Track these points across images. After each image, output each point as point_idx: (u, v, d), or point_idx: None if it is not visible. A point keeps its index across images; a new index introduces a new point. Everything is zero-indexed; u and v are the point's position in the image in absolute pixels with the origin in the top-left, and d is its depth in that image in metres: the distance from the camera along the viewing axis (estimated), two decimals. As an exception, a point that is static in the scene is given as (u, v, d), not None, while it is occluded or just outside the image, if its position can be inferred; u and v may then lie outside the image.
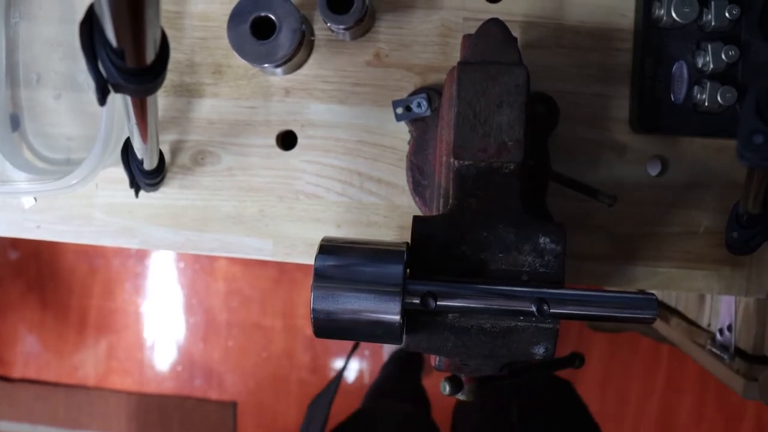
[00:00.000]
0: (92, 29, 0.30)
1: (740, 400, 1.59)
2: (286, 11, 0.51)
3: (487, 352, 0.40)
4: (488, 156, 0.41)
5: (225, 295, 1.70)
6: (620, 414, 1.63)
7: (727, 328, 0.78)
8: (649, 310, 0.39)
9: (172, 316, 1.72)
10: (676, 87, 0.53)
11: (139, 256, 1.72)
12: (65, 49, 0.59)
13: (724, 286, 0.57)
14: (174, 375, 1.73)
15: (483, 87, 0.42)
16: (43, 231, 0.60)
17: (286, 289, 1.68)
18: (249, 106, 0.57)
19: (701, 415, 1.62)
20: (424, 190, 0.55)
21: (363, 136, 0.57)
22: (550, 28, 0.55)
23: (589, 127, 0.56)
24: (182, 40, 0.57)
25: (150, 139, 0.46)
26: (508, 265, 0.41)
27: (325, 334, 0.40)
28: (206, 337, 1.72)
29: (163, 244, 0.59)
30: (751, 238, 0.48)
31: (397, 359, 1.55)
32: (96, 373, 1.75)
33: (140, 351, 1.74)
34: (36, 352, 1.77)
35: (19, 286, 1.76)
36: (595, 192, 0.51)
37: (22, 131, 0.60)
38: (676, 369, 1.61)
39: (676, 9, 0.51)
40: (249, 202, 0.58)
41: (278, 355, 1.70)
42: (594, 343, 1.62)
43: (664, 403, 1.62)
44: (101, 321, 1.74)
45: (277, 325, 1.69)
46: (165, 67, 0.33)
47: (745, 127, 0.30)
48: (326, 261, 0.39)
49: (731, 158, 0.56)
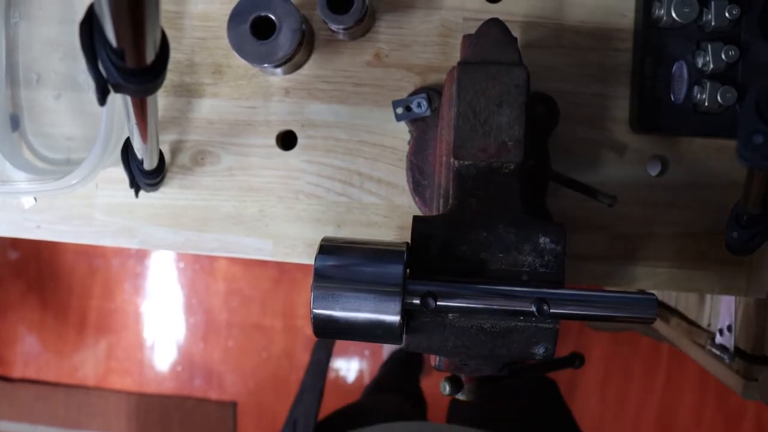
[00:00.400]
0: (92, 29, 0.30)
1: (740, 400, 1.59)
2: (286, 11, 0.51)
3: (487, 352, 0.40)
4: (488, 156, 0.41)
5: (225, 295, 1.70)
6: (620, 414, 1.63)
7: (727, 328, 0.78)
8: (649, 310, 0.39)
9: (172, 316, 1.72)
10: (676, 87, 0.53)
11: (139, 256, 1.72)
12: (65, 49, 0.59)
13: (724, 286, 0.57)
14: (174, 375, 1.73)
15: (483, 87, 0.42)
16: (43, 231, 0.60)
17: (286, 289, 1.68)
18: (249, 106, 0.57)
19: (701, 415, 1.62)
20: (424, 190, 0.55)
21: (363, 136, 0.57)
22: (550, 28, 0.55)
23: (589, 127, 0.56)
24: (182, 40, 0.57)
25: (150, 139, 0.46)
26: (508, 265, 0.41)
27: (325, 334, 0.40)
28: (206, 337, 1.71)
29: (163, 244, 0.59)
30: (751, 238, 0.48)
31: (396, 359, 1.56)
32: (96, 373, 1.75)
33: (140, 351, 1.74)
34: (36, 352, 1.77)
35: (19, 286, 1.76)
36: (595, 192, 0.51)
37: (22, 131, 0.60)
38: (676, 369, 1.61)
39: (676, 9, 0.51)
40: (249, 202, 0.58)
41: (278, 355, 1.70)
42: (594, 343, 1.62)
43: (664, 403, 1.62)
44: (101, 321, 1.74)
45: (277, 325, 1.69)
46: (165, 67, 0.33)
47: (745, 127, 0.30)
48: (326, 261, 0.39)
49: (731, 158, 0.56)
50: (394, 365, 1.53)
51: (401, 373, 1.49)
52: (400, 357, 1.55)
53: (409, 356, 1.54)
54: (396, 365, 1.53)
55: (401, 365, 1.52)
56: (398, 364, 1.53)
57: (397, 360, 1.55)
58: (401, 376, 1.47)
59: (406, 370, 1.50)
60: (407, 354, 1.56)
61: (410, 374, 1.49)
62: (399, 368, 1.51)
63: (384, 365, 1.55)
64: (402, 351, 1.57)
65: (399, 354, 1.57)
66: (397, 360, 1.55)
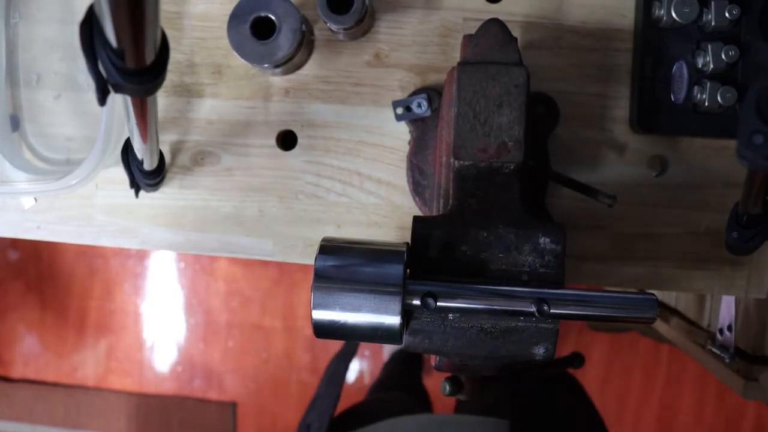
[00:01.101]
0: (92, 29, 0.30)
1: (740, 400, 1.59)
2: (286, 11, 0.51)
3: (487, 353, 0.40)
4: (488, 156, 0.41)
5: (225, 295, 1.70)
6: (620, 414, 1.63)
7: (727, 328, 0.78)
8: (649, 310, 0.39)
9: (172, 316, 1.72)
10: (676, 87, 0.53)
11: (139, 256, 1.72)
12: (65, 50, 0.59)
13: (724, 286, 0.57)
14: (174, 375, 1.73)
15: (483, 87, 0.42)
16: (43, 231, 0.60)
17: (286, 289, 1.68)
18: (249, 106, 0.57)
19: (701, 415, 1.62)
20: (424, 190, 0.55)
21: (363, 136, 0.57)
22: (550, 28, 0.55)
23: (589, 127, 0.56)
24: (182, 40, 0.57)
25: (150, 139, 0.46)
26: (508, 265, 0.41)
27: (325, 335, 0.40)
28: (206, 337, 1.71)
29: (163, 244, 0.59)
30: (751, 239, 0.48)
31: (397, 358, 1.56)
32: (95, 374, 1.75)
33: (140, 351, 1.74)
34: (36, 353, 1.77)
35: (18, 287, 1.76)
36: (595, 192, 0.50)
37: (21, 131, 0.60)
38: (676, 369, 1.61)
39: (676, 9, 0.51)
40: (249, 202, 0.58)
41: (278, 355, 1.70)
42: (594, 343, 1.62)
43: (664, 403, 1.62)
44: (101, 321, 1.74)
45: (277, 325, 1.69)
46: (165, 67, 0.33)
47: (745, 127, 0.30)
48: (326, 261, 0.39)
49: (731, 158, 0.56)
50: (395, 364, 1.54)
51: (404, 371, 1.49)
52: (401, 356, 1.56)
53: (410, 355, 1.54)
54: (397, 364, 1.53)
55: (403, 364, 1.52)
56: (400, 363, 1.53)
57: (398, 359, 1.56)
58: (404, 375, 1.47)
59: (408, 369, 1.50)
60: (408, 353, 1.57)
61: (412, 372, 1.50)
62: (401, 367, 1.51)
63: (386, 366, 1.56)
64: (402, 350, 1.58)
65: (400, 354, 1.57)
66: (399, 359, 1.55)
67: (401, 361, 1.54)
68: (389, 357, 1.60)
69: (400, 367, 1.51)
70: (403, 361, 1.53)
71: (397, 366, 1.52)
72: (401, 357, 1.56)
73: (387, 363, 1.57)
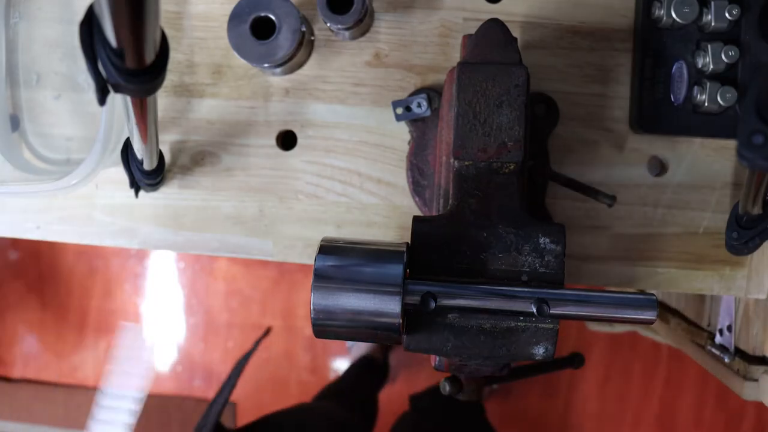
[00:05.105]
0: (92, 29, 0.30)
1: (740, 400, 1.58)
2: (286, 11, 0.51)
3: (487, 353, 0.40)
4: (488, 156, 0.41)
5: (225, 295, 1.70)
6: (620, 414, 1.63)
7: (727, 328, 0.78)
8: (649, 311, 0.39)
9: (172, 316, 1.72)
10: (675, 87, 0.53)
11: (139, 257, 1.72)
12: (65, 50, 0.59)
13: (724, 286, 0.57)
14: (174, 375, 1.73)
15: (483, 87, 0.42)
16: (43, 231, 0.60)
17: (286, 289, 1.68)
18: (249, 106, 0.57)
19: (701, 415, 1.62)
20: (424, 190, 0.55)
21: (363, 136, 0.57)
22: (550, 28, 0.55)
23: (589, 127, 0.56)
24: (182, 40, 0.57)
25: (150, 140, 0.46)
26: (508, 265, 0.41)
27: (325, 335, 0.40)
28: (206, 337, 1.71)
29: (163, 244, 0.59)
30: (751, 239, 0.48)
31: (358, 366, 1.52)
32: (96, 374, 1.75)
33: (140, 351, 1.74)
34: (36, 353, 1.77)
35: (18, 287, 1.76)
36: (595, 192, 0.51)
37: (21, 131, 0.60)
38: (676, 369, 1.61)
39: (676, 9, 0.51)
40: (249, 202, 0.58)
41: (278, 355, 1.70)
42: (594, 343, 1.62)
43: (664, 403, 1.62)
44: (101, 321, 1.74)
45: (277, 325, 1.69)
46: (165, 67, 0.33)
47: (745, 127, 0.30)
48: (326, 261, 0.39)
49: (731, 158, 0.56)
50: (351, 373, 1.50)
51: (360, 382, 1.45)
52: (362, 364, 1.52)
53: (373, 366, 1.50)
54: (354, 374, 1.49)
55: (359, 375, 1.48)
56: (358, 372, 1.49)
57: (359, 367, 1.52)
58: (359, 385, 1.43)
59: (362, 381, 1.46)
60: (370, 363, 1.53)
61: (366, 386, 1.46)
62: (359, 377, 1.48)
63: (346, 371, 1.52)
64: (366, 359, 1.54)
65: (363, 362, 1.53)
66: (359, 367, 1.52)
67: (362, 370, 1.50)
68: (351, 363, 1.55)
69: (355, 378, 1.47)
70: (360, 372, 1.49)
71: (353, 376, 1.48)
72: (363, 365, 1.52)
73: (348, 368, 1.53)
